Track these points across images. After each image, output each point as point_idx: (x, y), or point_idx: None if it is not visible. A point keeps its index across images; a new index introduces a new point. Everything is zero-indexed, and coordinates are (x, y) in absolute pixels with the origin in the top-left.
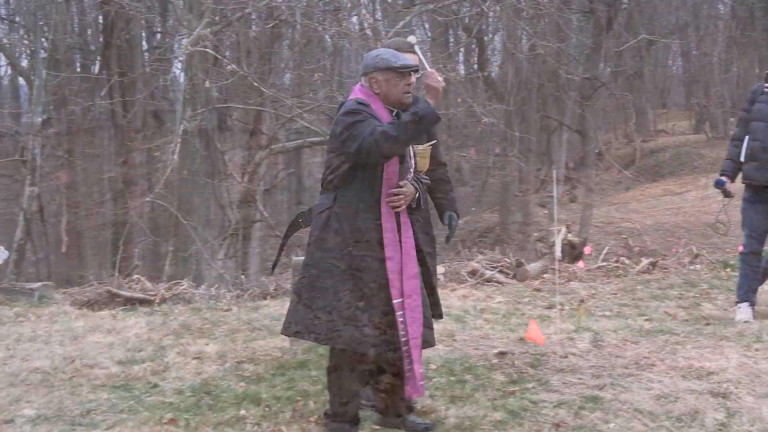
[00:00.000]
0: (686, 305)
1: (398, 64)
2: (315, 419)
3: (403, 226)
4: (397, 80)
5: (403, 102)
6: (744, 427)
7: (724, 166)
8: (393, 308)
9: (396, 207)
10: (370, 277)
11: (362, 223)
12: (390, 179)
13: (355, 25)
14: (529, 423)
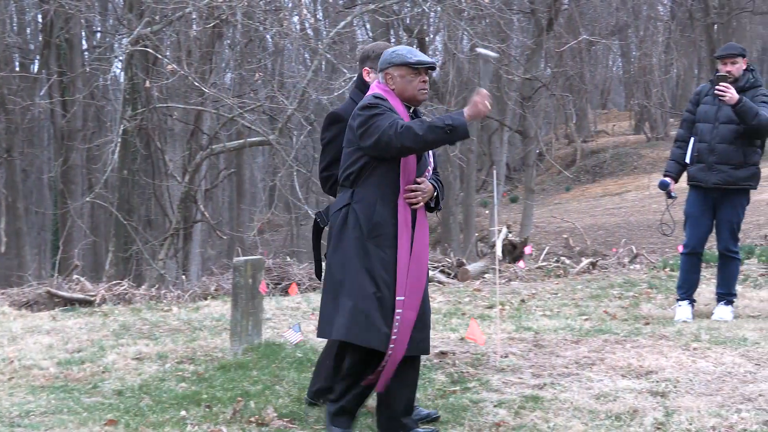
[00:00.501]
0: (626, 305)
1: (414, 60)
2: (255, 419)
3: (418, 224)
4: (412, 76)
5: (418, 98)
6: (682, 425)
7: (668, 167)
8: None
9: (413, 203)
10: (385, 272)
11: (379, 218)
12: (408, 175)
13: (296, 25)
14: (470, 423)
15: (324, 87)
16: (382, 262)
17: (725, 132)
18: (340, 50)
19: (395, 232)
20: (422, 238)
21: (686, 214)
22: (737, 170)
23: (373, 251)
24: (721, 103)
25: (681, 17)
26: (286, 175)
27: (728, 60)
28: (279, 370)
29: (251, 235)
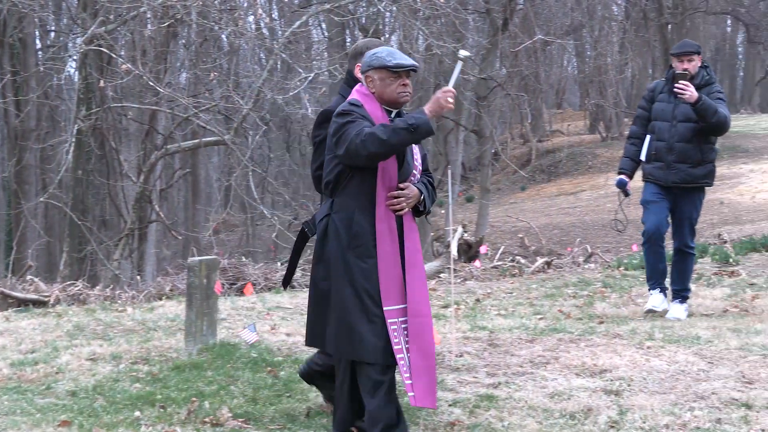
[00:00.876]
0: (580, 304)
1: (392, 63)
2: (210, 419)
3: (406, 230)
4: (391, 80)
5: (398, 102)
6: (636, 423)
7: (623, 164)
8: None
9: (397, 210)
10: (369, 284)
11: (358, 228)
12: (388, 182)
13: (251, 24)
14: (425, 422)
15: (279, 87)
16: (364, 273)
17: (683, 130)
18: (296, 50)
19: (375, 242)
20: (413, 243)
21: (644, 203)
22: (695, 168)
23: (353, 262)
24: (678, 100)
25: (635, 17)
26: (242, 175)
27: (685, 57)
28: (234, 370)
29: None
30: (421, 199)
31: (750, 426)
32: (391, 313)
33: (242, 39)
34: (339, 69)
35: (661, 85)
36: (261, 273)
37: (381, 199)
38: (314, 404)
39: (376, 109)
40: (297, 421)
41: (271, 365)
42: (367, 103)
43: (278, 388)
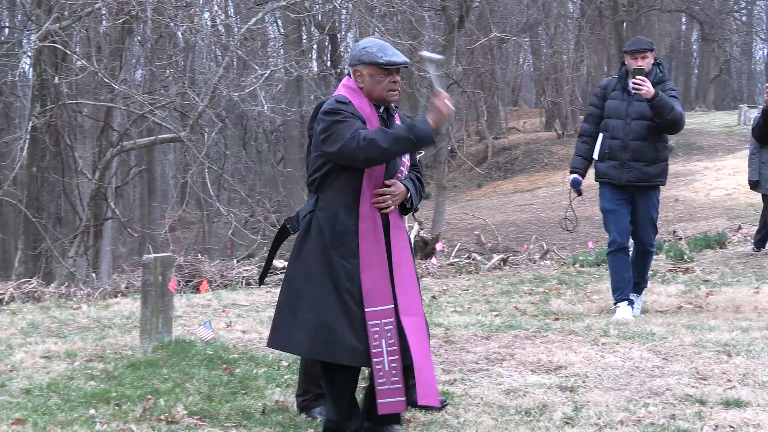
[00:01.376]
0: (536, 301)
1: (383, 60)
2: (165, 417)
3: (393, 228)
4: (381, 76)
5: (387, 100)
6: (591, 420)
7: (575, 163)
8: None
9: (382, 208)
10: (351, 283)
11: (341, 227)
12: (375, 178)
13: (207, 21)
14: None
15: (235, 84)
16: (347, 273)
17: (638, 128)
18: (252, 47)
19: (359, 241)
20: (400, 242)
21: (604, 211)
22: (650, 167)
23: (336, 262)
24: (632, 98)
25: (591, 15)
26: (198, 172)
27: (638, 54)
28: (189, 367)
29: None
30: (408, 196)
31: (704, 422)
32: (374, 315)
33: (198, 36)
34: (295, 66)
35: (614, 82)
36: (217, 270)
37: (365, 197)
38: (270, 401)
39: (364, 104)
40: (252, 419)
41: (226, 362)
42: (355, 98)
43: (234, 385)
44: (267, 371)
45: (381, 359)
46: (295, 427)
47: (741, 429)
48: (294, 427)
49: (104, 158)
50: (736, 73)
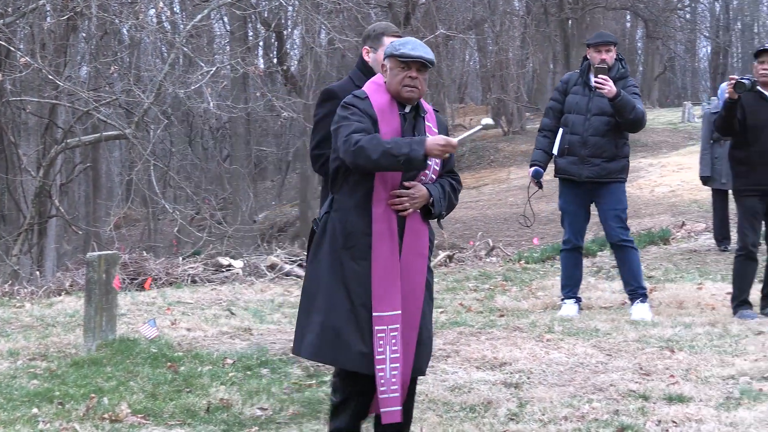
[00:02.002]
0: (481, 297)
1: (399, 52)
2: (109, 416)
3: (409, 232)
4: (398, 70)
5: (402, 96)
6: (535, 416)
7: (536, 156)
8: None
9: (399, 210)
10: (359, 286)
11: (353, 227)
12: (391, 179)
13: (152, 18)
14: (326, 416)
15: (181, 81)
16: (356, 275)
17: (598, 124)
18: (197, 44)
19: (371, 243)
20: (414, 247)
21: (562, 210)
22: (610, 163)
23: (347, 264)
24: (594, 93)
25: (536, 12)
26: (143, 169)
27: (602, 47)
28: (133, 366)
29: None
30: (430, 201)
31: (647, 417)
32: (382, 320)
33: (143, 32)
34: (241, 63)
35: (575, 77)
36: (162, 268)
37: (379, 198)
38: (214, 399)
39: (383, 102)
40: (197, 417)
41: (171, 360)
42: (377, 93)
43: (178, 383)
44: (212, 369)
45: (383, 366)
46: (239, 425)
47: (684, 424)
48: (239, 425)
49: (49, 155)
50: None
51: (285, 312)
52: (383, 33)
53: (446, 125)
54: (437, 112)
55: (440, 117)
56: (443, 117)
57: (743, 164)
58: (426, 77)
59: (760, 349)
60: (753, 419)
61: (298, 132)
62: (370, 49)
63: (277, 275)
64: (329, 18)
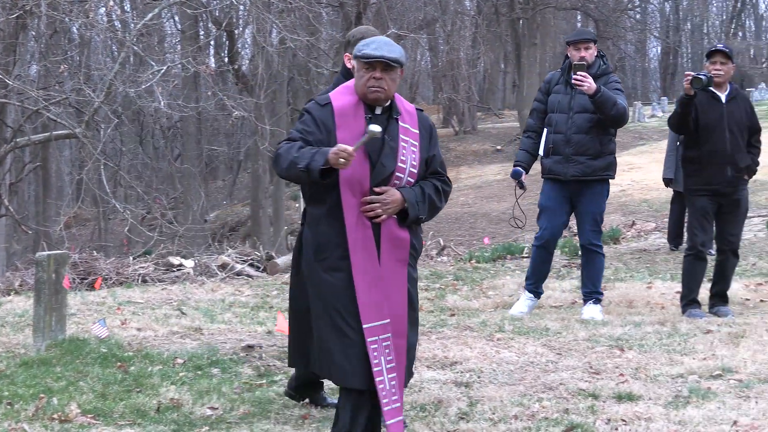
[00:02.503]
0: (432, 297)
1: (361, 53)
2: (58, 416)
3: (385, 240)
4: (363, 71)
5: (367, 97)
6: (486, 414)
7: (519, 157)
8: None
9: (373, 217)
10: (337, 300)
11: (323, 238)
12: (358, 186)
13: (102, 16)
14: (276, 416)
15: (131, 79)
16: (332, 288)
17: (581, 121)
18: (148, 42)
19: (344, 254)
20: (393, 254)
21: (541, 207)
22: (595, 161)
23: (321, 276)
24: (575, 91)
25: (487, 12)
26: (94, 168)
27: (582, 45)
28: (83, 365)
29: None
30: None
31: (597, 416)
32: (372, 331)
33: (93, 31)
34: (192, 62)
35: (557, 76)
36: (113, 267)
37: (350, 206)
38: (164, 399)
39: (348, 105)
40: (147, 416)
41: (121, 360)
42: (343, 97)
43: (128, 383)
44: (162, 369)
45: (382, 378)
46: (190, 424)
47: (633, 422)
48: (189, 424)
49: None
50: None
51: (236, 311)
52: (363, 38)
53: (430, 124)
54: (420, 111)
55: (423, 116)
56: (426, 116)
57: (694, 164)
58: (395, 77)
59: (709, 348)
60: (701, 417)
61: (249, 131)
62: (352, 55)
63: (228, 275)
64: (280, 17)
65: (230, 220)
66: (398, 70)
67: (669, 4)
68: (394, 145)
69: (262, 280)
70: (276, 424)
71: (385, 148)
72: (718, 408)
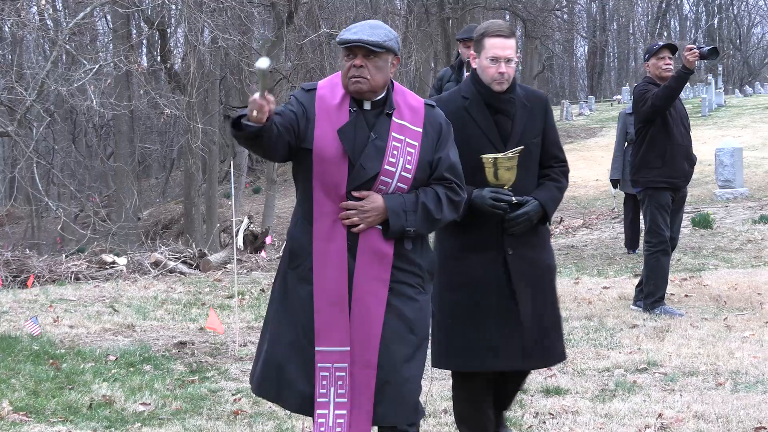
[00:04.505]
0: None
1: (339, 38)
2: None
3: (362, 253)
4: (345, 59)
5: (349, 88)
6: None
7: None
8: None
9: (350, 226)
10: (304, 314)
11: (295, 243)
12: (333, 189)
13: (34, 15)
14: (208, 412)
15: (64, 78)
16: (301, 301)
17: None
18: (80, 41)
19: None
20: (369, 271)
21: None
22: None
23: (291, 286)
24: None
25: (418, 12)
26: (26, 166)
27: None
28: (15, 363)
29: None
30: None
31: (525, 410)
32: (325, 356)
33: (25, 30)
34: (124, 60)
35: (449, 73)
36: (45, 265)
37: (322, 213)
38: (97, 395)
39: (333, 96)
40: (79, 413)
41: (53, 357)
42: (328, 87)
43: (60, 380)
44: (94, 366)
45: (326, 411)
46: (122, 421)
47: (560, 416)
48: (121, 421)
49: None
50: (559, 70)
51: (168, 309)
52: (486, 32)
53: (441, 122)
54: (432, 107)
55: (433, 113)
56: (438, 113)
57: (658, 157)
58: (380, 65)
59: (635, 342)
60: (627, 410)
61: (182, 129)
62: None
63: (160, 272)
64: (212, 17)
65: (163, 218)
66: (385, 56)
67: (595, 4)
68: (381, 145)
69: (194, 277)
70: (208, 420)
71: (369, 147)
72: (644, 401)
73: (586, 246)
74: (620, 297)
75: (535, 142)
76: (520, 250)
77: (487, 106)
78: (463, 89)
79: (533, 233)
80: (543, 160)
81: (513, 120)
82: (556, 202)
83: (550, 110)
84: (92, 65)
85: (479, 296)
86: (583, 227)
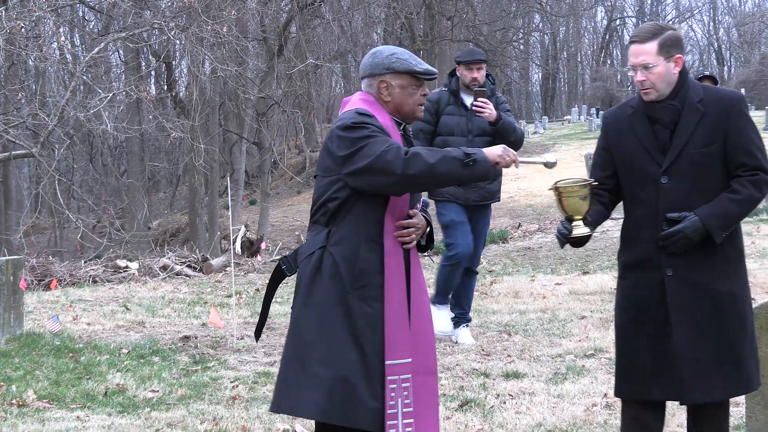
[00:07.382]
0: None
1: (421, 68)
2: (17, 401)
3: (413, 267)
4: (414, 88)
5: (416, 116)
6: None
7: None
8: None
9: (406, 243)
10: (372, 332)
11: (364, 264)
12: (399, 208)
13: (55, 50)
14: (210, 397)
15: (82, 105)
16: (369, 319)
17: (481, 145)
18: (96, 73)
19: (383, 281)
20: (421, 284)
21: (450, 223)
22: (491, 185)
23: (356, 306)
24: (472, 113)
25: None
26: (49, 183)
27: (474, 66)
28: (39, 357)
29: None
30: (426, 231)
31: (488, 392)
32: (394, 369)
33: (47, 63)
34: (134, 89)
35: (446, 96)
36: (66, 270)
37: (388, 230)
38: (111, 384)
39: (386, 119)
40: (96, 400)
41: (72, 351)
42: (377, 113)
43: (79, 371)
44: (109, 358)
45: (395, 422)
46: (134, 406)
47: (519, 397)
48: (133, 406)
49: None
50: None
51: (174, 307)
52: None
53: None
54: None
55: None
56: None
57: None
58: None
59: (583, 331)
60: (577, 391)
61: (186, 149)
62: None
63: (168, 275)
64: (212, 50)
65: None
66: None
67: (548, 36)
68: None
69: (198, 279)
70: (210, 405)
71: None
72: (591, 383)
73: (541, 248)
74: (571, 292)
75: (706, 152)
76: (681, 272)
77: (648, 117)
78: (633, 99)
79: (703, 253)
80: (731, 170)
81: (674, 129)
82: (725, 218)
83: (738, 112)
84: (107, 93)
85: (639, 319)
86: (539, 231)
